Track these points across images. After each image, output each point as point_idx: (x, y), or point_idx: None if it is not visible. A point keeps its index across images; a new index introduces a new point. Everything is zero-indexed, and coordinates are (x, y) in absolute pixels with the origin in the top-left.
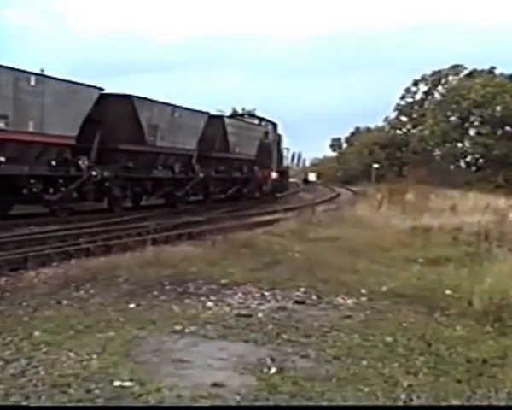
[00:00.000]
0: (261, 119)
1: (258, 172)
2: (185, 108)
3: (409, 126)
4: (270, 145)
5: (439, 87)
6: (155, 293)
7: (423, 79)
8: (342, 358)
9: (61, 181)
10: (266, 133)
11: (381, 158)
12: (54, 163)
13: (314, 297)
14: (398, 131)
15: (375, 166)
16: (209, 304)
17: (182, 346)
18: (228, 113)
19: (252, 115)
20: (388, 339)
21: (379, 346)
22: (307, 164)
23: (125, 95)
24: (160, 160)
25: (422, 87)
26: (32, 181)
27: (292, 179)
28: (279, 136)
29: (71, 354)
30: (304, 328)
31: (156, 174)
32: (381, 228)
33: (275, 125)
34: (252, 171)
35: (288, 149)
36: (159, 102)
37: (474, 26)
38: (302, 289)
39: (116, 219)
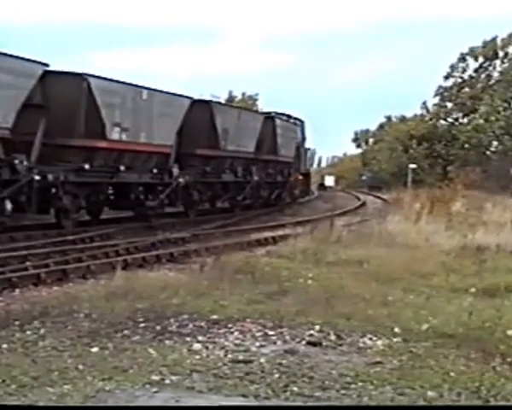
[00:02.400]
0: (289, 116)
1: (292, 175)
2: (246, 110)
3: (456, 115)
4: (300, 146)
5: (496, 61)
6: (126, 333)
7: (472, 51)
8: None
9: (159, 188)
10: (296, 133)
11: (420, 156)
12: (155, 171)
13: (332, 337)
14: (442, 121)
15: (412, 166)
16: (196, 346)
17: (160, 402)
18: (223, 97)
19: (280, 113)
20: (431, 394)
21: (419, 402)
22: (323, 164)
23: (204, 100)
24: (226, 163)
25: (472, 63)
26: (140, 188)
27: None
28: (304, 135)
29: None
30: (319, 378)
31: (224, 178)
32: (420, 248)
33: (302, 123)
34: (289, 174)
35: (309, 149)
36: (229, 106)
37: None
38: (317, 327)
39: (76, 235)
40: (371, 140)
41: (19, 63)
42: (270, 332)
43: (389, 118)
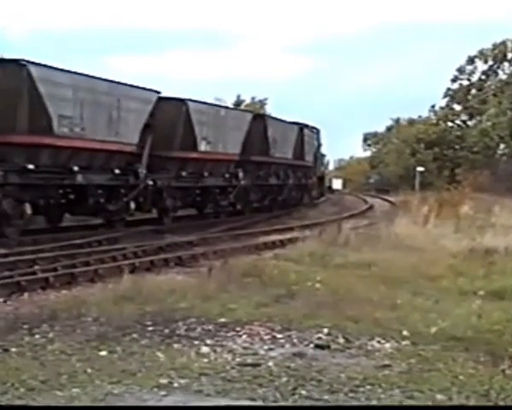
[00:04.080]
0: (306, 125)
1: (312, 178)
2: (285, 122)
3: (464, 117)
4: (316, 152)
5: (505, 64)
6: (134, 336)
7: (482, 54)
8: None
9: (229, 190)
10: (314, 140)
11: (428, 159)
12: (227, 175)
13: (341, 340)
14: (450, 124)
15: (420, 169)
16: (204, 350)
17: (169, 405)
18: (230, 101)
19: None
20: (440, 397)
21: (439, 405)
22: (330, 167)
23: (260, 114)
24: (272, 169)
25: (481, 65)
26: (217, 190)
27: None
28: (320, 142)
29: None
30: (328, 381)
31: (270, 181)
32: (429, 251)
33: (318, 131)
34: (310, 177)
35: (324, 155)
36: (277, 119)
37: None
38: (325, 330)
39: (84, 239)
40: (380, 143)
41: (142, 92)
42: (279, 335)
43: (397, 120)
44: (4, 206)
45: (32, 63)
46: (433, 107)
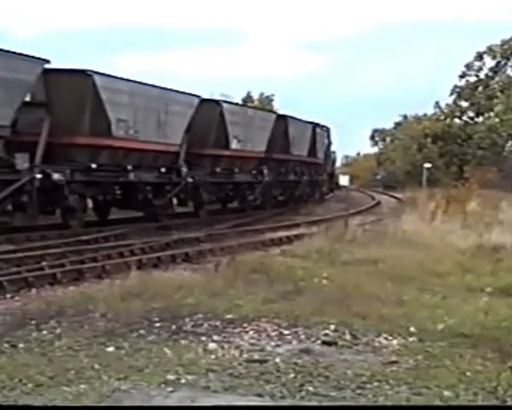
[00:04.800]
0: (317, 124)
1: (323, 174)
2: (302, 121)
3: (471, 114)
4: (327, 150)
5: None
6: (141, 332)
7: (490, 50)
8: None
9: (256, 185)
10: (325, 138)
11: (435, 155)
12: (254, 172)
13: (348, 337)
14: (457, 120)
15: (427, 165)
16: (211, 346)
17: (176, 401)
18: (239, 97)
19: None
20: (447, 393)
21: (434, 402)
22: (337, 164)
23: (283, 115)
24: (291, 166)
25: (489, 62)
26: (245, 186)
27: None
28: (330, 140)
29: None
30: (335, 377)
31: (289, 178)
32: (436, 247)
33: (328, 130)
34: (321, 174)
35: (334, 152)
36: (296, 119)
37: None
38: (332, 327)
39: (91, 235)
40: (387, 139)
41: (186, 97)
42: (286, 332)
43: (405, 117)
44: (70, 201)
45: (97, 73)
46: (437, 103)
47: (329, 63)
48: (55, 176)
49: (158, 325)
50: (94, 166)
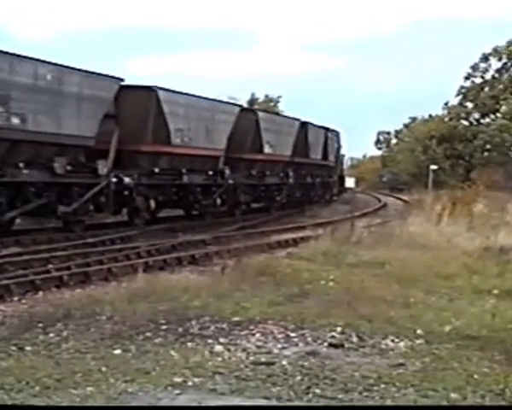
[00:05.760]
0: (327, 128)
1: (333, 176)
2: (318, 127)
3: (476, 115)
4: (337, 153)
5: None
6: (148, 335)
7: (496, 51)
8: None
9: (283, 187)
10: (335, 142)
11: (441, 157)
12: (282, 174)
13: (354, 339)
14: (463, 122)
15: (433, 167)
16: (218, 348)
17: (183, 404)
18: (243, 99)
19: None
20: (454, 396)
21: (442, 405)
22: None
23: (303, 122)
24: (308, 169)
25: (495, 63)
26: (274, 187)
27: None
28: (339, 144)
29: None
30: (342, 380)
31: (307, 180)
32: (442, 249)
33: (338, 134)
34: (332, 176)
35: (343, 155)
36: (314, 125)
37: None
38: (338, 329)
39: (97, 238)
40: (393, 141)
41: (228, 106)
42: (292, 334)
43: (414, 119)
44: (137, 202)
45: (160, 89)
46: (446, 104)
47: (336, 65)
48: (126, 180)
49: (164, 327)
50: (157, 170)
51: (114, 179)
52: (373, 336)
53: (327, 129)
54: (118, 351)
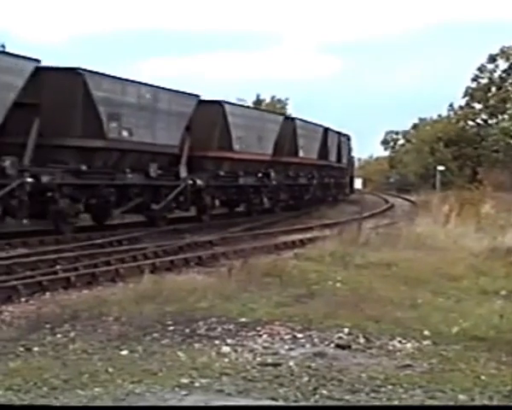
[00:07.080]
0: (339, 133)
1: (345, 178)
2: (334, 131)
3: (484, 116)
4: (348, 155)
5: None
6: (155, 336)
7: (503, 52)
8: None
9: (310, 188)
10: (347, 145)
11: (448, 158)
12: (309, 176)
13: (361, 340)
14: (471, 123)
15: (441, 168)
16: (225, 349)
17: (190, 404)
18: (250, 100)
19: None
20: (462, 397)
21: (448, 405)
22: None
23: (326, 128)
24: (326, 170)
25: (502, 64)
26: (303, 188)
27: None
28: (351, 147)
29: None
30: (349, 381)
31: (326, 181)
32: (449, 250)
33: (349, 138)
34: (344, 177)
35: (354, 157)
36: (332, 130)
37: None
38: (346, 330)
39: (105, 239)
40: (400, 142)
41: (274, 116)
42: (299, 335)
43: (422, 120)
44: (207, 201)
45: (227, 103)
46: (451, 105)
47: (343, 66)
48: (199, 182)
49: (171, 328)
50: (222, 173)
51: (190, 181)
52: (380, 337)
53: (339, 133)
54: (125, 352)
